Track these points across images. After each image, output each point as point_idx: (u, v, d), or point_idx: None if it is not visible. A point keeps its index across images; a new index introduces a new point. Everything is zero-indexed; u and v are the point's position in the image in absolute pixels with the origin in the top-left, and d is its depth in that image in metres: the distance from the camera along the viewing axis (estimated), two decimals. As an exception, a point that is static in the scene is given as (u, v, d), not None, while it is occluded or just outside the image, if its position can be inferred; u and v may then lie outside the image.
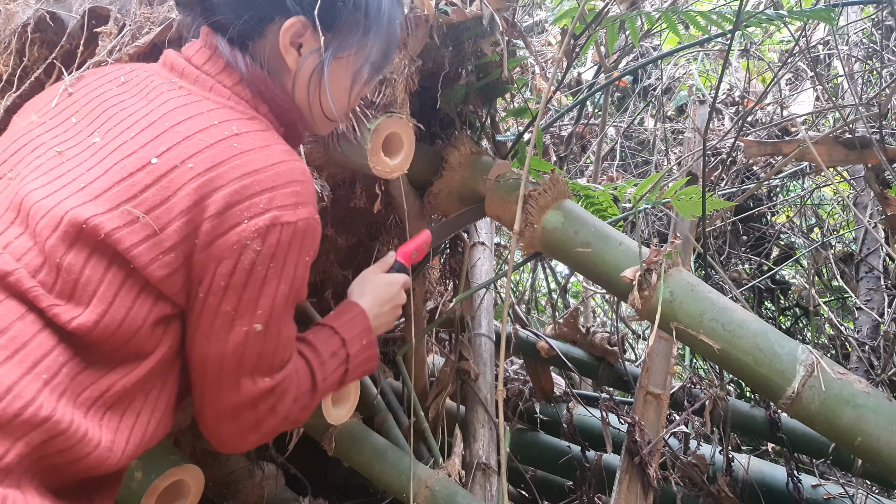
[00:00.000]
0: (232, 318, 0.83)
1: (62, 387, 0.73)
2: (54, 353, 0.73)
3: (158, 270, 0.79)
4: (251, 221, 0.80)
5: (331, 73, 0.93)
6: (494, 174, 1.34)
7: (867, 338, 2.17)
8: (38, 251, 0.77)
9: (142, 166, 0.80)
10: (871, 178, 1.70)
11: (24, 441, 0.68)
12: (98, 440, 0.76)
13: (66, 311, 0.75)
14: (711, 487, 1.62)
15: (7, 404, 0.67)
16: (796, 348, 1.06)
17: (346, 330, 1.04)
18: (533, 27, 2.95)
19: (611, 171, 2.92)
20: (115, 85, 0.92)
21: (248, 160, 0.82)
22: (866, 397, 1.01)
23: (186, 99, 0.87)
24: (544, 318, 3.43)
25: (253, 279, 0.82)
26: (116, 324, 0.77)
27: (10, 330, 0.71)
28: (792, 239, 2.87)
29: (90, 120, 0.88)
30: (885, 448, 0.99)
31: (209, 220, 0.79)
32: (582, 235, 1.21)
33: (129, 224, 0.78)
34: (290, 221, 0.83)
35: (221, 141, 0.82)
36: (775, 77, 2.18)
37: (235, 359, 0.85)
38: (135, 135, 0.83)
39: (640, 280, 1.13)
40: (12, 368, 0.70)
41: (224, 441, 0.93)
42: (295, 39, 0.91)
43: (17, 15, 1.18)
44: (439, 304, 1.83)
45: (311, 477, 1.81)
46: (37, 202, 0.79)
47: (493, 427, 1.62)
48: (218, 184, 0.80)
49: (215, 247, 0.80)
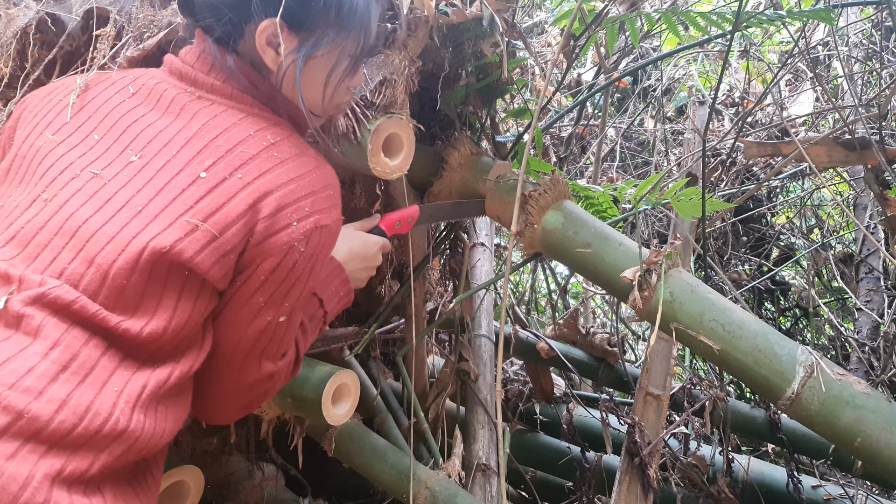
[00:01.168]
0: (259, 308, 0.88)
1: (133, 396, 0.78)
2: (119, 369, 0.78)
3: (218, 271, 0.84)
4: (299, 224, 0.86)
5: (307, 71, 0.95)
6: (494, 175, 1.34)
7: (867, 338, 2.18)
8: (96, 275, 0.79)
9: (192, 182, 0.84)
10: (870, 179, 1.70)
11: (106, 453, 0.74)
12: (161, 430, 0.81)
13: (134, 324, 0.80)
14: (711, 488, 1.62)
15: (88, 422, 0.72)
16: (796, 349, 1.06)
17: (323, 288, 1.07)
18: (533, 28, 2.95)
19: (611, 172, 2.92)
20: (126, 96, 0.94)
21: (289, 167, 0.88)
22: (866, 398, 1.01)
23: (214, 110, 0.91)
24: (544, 319, 3.43)
25: (290, 277, 0.88)
26: (182, 325, 0.83)
27: (80, 355, 0.76)
28: (792, 240, 2.87)
29: (115, 136, 0.90)
30: (884, 449, 0.99)
31: (263, 220, 0.85)
32: (582, 236, 1.21)
33: (189, 234, 0.82)
34: (327, 224, 0.89)
35: (262, 151, 0.87)
36: (775, 78, 2.18)
37: (250, 344, 0.90)
38: (176, 152, 0.86)
39: (639, 281, 1.13)
40: (86, 390, 0.74)
41: (212, 414, 0.98)
42: (272, 40, 0.93)
43: (18, 18, 1.18)
44: (439, 305, 1.84)
45: (310, 478, 1.81)
46: (96, 231, 0.81)
47: (492, 428, 1.62)
48: (268, 188, 0.85)
49: (266, 244, 0.85)
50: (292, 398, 1.37)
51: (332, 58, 0.96)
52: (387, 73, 1.15)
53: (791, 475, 1.71)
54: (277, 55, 0.93)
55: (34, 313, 0.75)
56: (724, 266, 2.65)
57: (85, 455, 0.72)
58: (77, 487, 0.71)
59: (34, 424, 0.69)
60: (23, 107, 1.00)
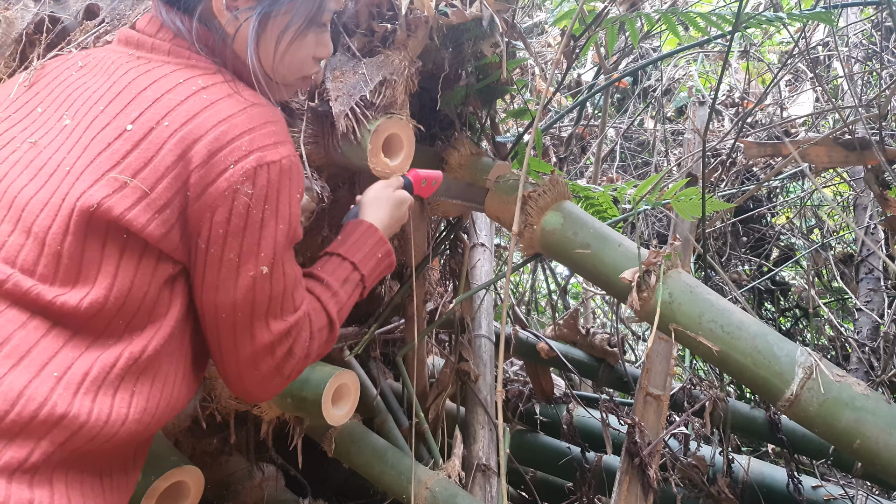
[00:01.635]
0: (236, 264, 0.84)
1: (76, 380, 0.74)
2: (63, 350, 0.75)
3: (156, 229, 0.80)
4: (237, 165, 0.81)
5: (263, 34, 0.93)
6: (494, 175, 1.34)
7: (867, 339, 2.18)
8: (34, 245, 0.77)
9: (118, 135, 0.81)
10: (870, 180, 1.70)
11: (46, 440, 0.70)
12: (118, 416, 0.77)
13: (73, 295, 0.76)
14: (711, 489, 1.62)
15: (21, 408, 0.69)
16: (795, 350, 1.06)
17: (354, 252, 1.04)
18: (532, 28, 2.95)
19: (611, 173, 2.92)
20: (75, 70, 0.93)
21: (220, 108, 0.83)
22: (865, 399, 1.01)
23: (148, 66, 0.88)
24: (544, 320, 3.43)
25: (250, 222, 0.83)
26: (125, 292, 0.79)
27: (11, 339, 0.73)
28: (792, 240, 2.87)
29: (56, 106, 0.89)
30: (883, 450, 0.99)
31: (196, 170, 0.81)
32: (581, 237, 1.21)
33: (118, 190, 0.79)
34: (275, 160, 0.84)
35: (191, 96, 0.83)
36: (775, 78, 2.18)
37: (247, 304, 0.86)
38: (103, 108, 0.84)
39: (638, 282, 1.13)
40: (20, 374, 0.71)
41: (249, 390, 0.93)
42: (230, 3, 0.91)
43: (18, 21, 1.19)
44: (439, 305, 1.83)
45: (310, 478, 1.81)
46: (31, 198, 0.79)
47: (492, 428, 1.62)
48: (197, 134, 0.81)
49: (207, 196, 0.81)
50: (292, 398, 1.37)
51: (285, 19, 0.93)
52: (387, 74, 1.15)
53: (791, 475, 1.71)
54: (229, 14, 0.91)
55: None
56: (724, 266, 2.65)
57: (22, 443, 0.69)
58: (20, 478, 0.68)
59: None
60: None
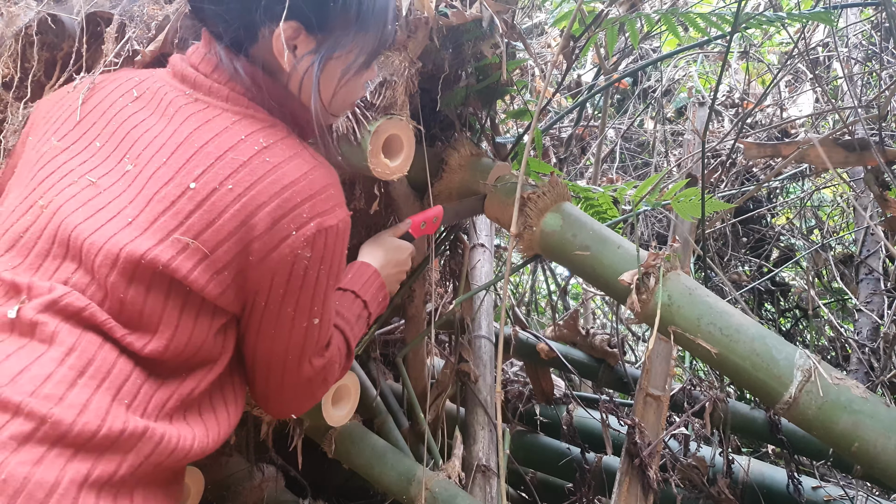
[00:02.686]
0: (292, 317, 0.91)
1: (143, 405, 0.79)
2: (132, 376, 0.79)
3: (215, 289, 0.84)
4: (299, 232, 0.85)
5: (325, 72, 0.94)
6: (494, 176, 1.34)
7: (867, 339, 2.18)
8: (97, 286, 0.80)
9: (181, 193, 0.83)
10: (870, 180, 1.70)
11: (133, 453, 0.75)
12: (189, 437, 0.83)
13: (137, 340, 0.80)
14: (711, 489, 1.62)
15: (111, 424, 0.73)
16: (794, 353, 1.06)
17: (366, 292, 1.14)
18: (532, 29, 2.95)
19: (610, 173, 2.92)
20: (130, 100, 0.93)
21: (282, 173, 0.85)
22: (863, 403, 1.01)
23: (207, 114, 0.88)
24: (544, 320, 3.43)
25: (307, 283, 0.89)
26: (184, 343, 0.83)
27: (95, 360, 0.76)
28: (792, 241, 2.87)
29: (115, 143, 0.89)
30: (881, 454, 0.99)
31: (258, 238, 0.84)
32: (580, 238, 1.21)
33: (182, 251, 0.81)
34: (333, 225, 0.88)
35: (253, 157, 0.85)
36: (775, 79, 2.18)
37: (298, 350, 0.94)
38: (165, 159, 0.85)
39: (637, 284, 1.13)
40: (104, 394, 0.75)
41: (286, 411, 1.04)
42: (289, 42, 0.91)
43: (19, 17, 1.18)
44: (439, 306, 1.83)
45: (310, 479, 1.81)
46: (87, 238, 0.80)
47: (492, 429, 1.62)
48: (260, 201, 0.83)
49: (269, 260, 0.85)
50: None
51: (349, 57, 0.94)
52: (387, 75, 1.15)
53: (791, 476, 1.71)
54: (294, 58, 0.91)
55: (47, 320, 0.75)
56: (725, 267, 2.65)
57: (111, 458, 0.72)
58: (107, 492, 0.71)
59: (58, 429, 0.69)
60: (36, 112, 1.01)
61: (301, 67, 0.92)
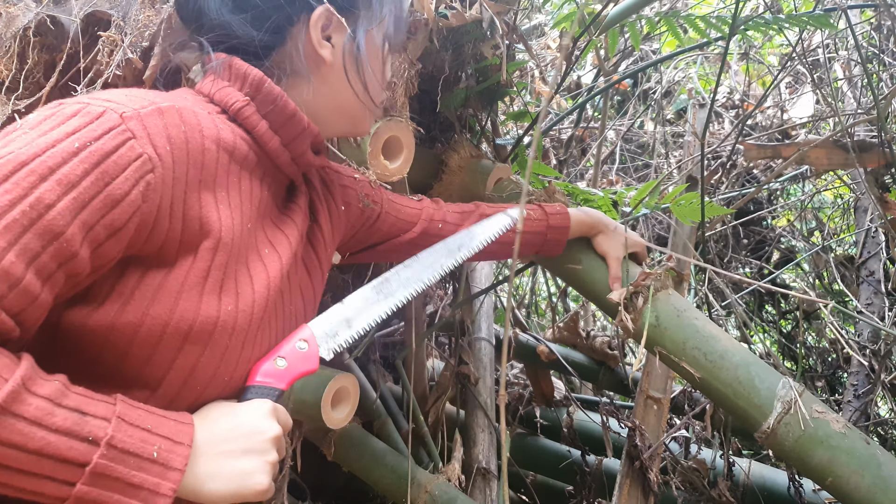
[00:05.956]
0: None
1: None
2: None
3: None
4: None
5: (367, 50, 0.89)
6: (494, 178, 1.34)
7: (867, 341, 2.17)
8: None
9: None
10: (870, 182, 1.70)
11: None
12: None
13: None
14: (712, 492, 1.61)
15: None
16: (777, 382, 1.06)
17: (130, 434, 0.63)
18: (532, 30, 2.95)
19: (610, 175, 2.92)
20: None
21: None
22: (841, 438, 1.01)
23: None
24: (544, 322, 3.42)
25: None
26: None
27: None
28: (792, 242, 2.87)
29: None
30: (854, 492, 0.99)
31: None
32: (573, 251, 1.21)
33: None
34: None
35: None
36: (775, 80, 2.18)
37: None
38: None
39: (625, 304, 1.13)
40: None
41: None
42: (325, 31, 0.87)
43: (18, 18, 1.18)
44: (439, 308, 1.83)
45: (310, 481, 1.81)
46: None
47: (492, 431, 1.61)
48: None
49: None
50: (292, 401, 1.37)
51: (382, 29, 0.91)
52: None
53: (792, 479, 1.71)
54: (332, 46, 0.87)
55: None
56: (725, 269, 2.64)
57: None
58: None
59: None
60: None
61: (346, 48, 0.87)
